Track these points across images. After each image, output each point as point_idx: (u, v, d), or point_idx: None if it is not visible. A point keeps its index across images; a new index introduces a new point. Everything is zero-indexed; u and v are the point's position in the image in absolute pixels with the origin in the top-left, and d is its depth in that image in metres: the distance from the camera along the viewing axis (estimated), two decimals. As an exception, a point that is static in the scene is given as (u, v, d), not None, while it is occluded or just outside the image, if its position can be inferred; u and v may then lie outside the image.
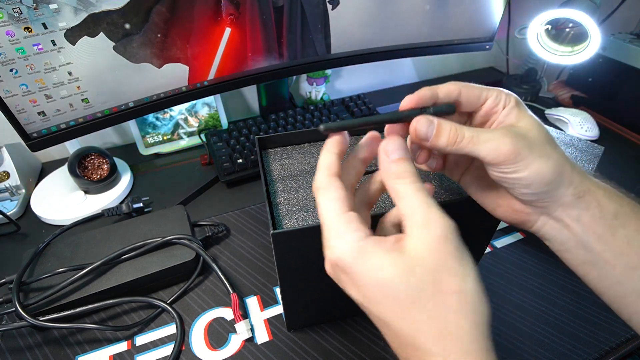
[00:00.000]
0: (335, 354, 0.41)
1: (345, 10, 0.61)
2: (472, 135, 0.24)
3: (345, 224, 0.22)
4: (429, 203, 0.22)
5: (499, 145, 0.24)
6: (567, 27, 0.74)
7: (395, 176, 0.23)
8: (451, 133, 0.24)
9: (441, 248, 0.21)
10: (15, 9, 0.42)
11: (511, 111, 0.26)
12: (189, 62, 0.56)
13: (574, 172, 0.25)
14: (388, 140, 0.25)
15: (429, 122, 0.25)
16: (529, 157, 0.24)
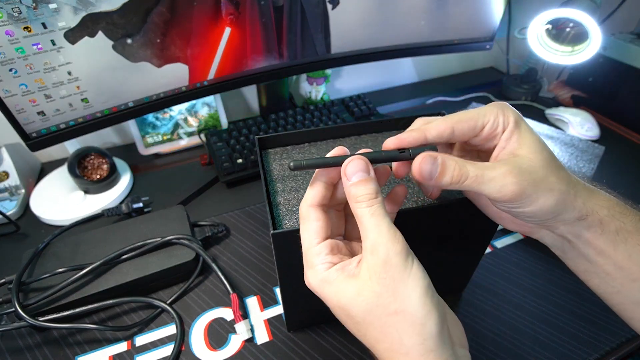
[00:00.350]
0: (335, 354, 0.41)
1: (345, 10, 0.61)
2: (476, 174, 0.24)
3: (314, 256, 0.25)
4: (379, 226, 0.22)
5: (504, 185, 0.23)
6: (567, 27, 0.74)
7: (354, 199, 0.24)
8: (455, 172, 0.24)
9: (382, 273, 0.22)
10: (14, 9, 0.42)
11: (511, 135, 0.25)
12: (188, 62, 0.56)
13: (577, 197, 0.25)
14: (348, 162, 0.25)
15: (432, 160, 0.24)
16: (533, 194, 0.24)
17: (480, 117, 0.25)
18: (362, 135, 0.42)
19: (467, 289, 0.47)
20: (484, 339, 0.43)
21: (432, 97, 0.88)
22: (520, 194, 0.23)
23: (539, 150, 0.25)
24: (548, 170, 0.24)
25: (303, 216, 0.26)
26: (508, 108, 0.26)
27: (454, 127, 0.25)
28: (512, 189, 0.23)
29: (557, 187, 0.24)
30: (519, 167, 0.24)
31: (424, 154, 0.24)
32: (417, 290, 0.21)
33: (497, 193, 0.24)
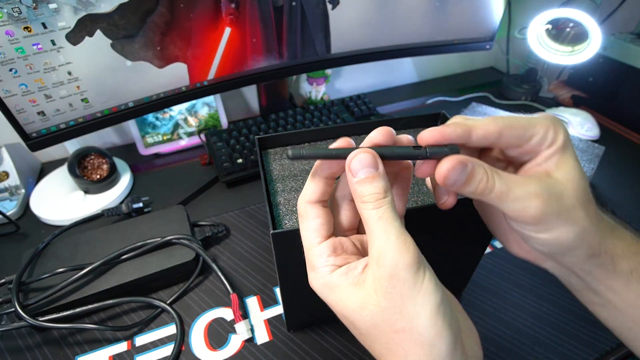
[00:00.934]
0: (335, 354, 0.41)
1: (345, 10, 0.61)
2: (501, 190, 0.21)
3: (316, 257, 0.23)
4: (387, 233, 0.20)
5: (527, 207, 0.21)
6: (567, 27, 0.74)
7: (359, 199, 0.21)
8: (481, 184, 0.21)
9: (389, 288, 0.20)
10: (14, 9, 0.42)
11: (554, 155, 0.23)
12: (188, 62, 0.56)
13: (596, 235, 0.23)
14: (354, 156, 0.22)
15: (462, 168, 0.21)
16: (554, 222, 0.22)
17: (531, 127, 0.22)
18: (362, 135, 0.42)
19: (467, 289, 0.47)
20: (485, 339, 0.43)
21: (432, 97, 0.88)
22: (541, 219, 0.21)
23: (577, 179, 0.22)
24: (578, 202, 0.22)
25: (301, 214, 0.24)
26: (560, 125, 0.23)
27: (502, 132, 0.22)
28: (533, 212, 0.21)
29: (581, 222, 0.22)
30: (549, 190, 0.22)
31: (454, 159, 0.21)
32: (427, 309, 0.19)
33: (517, 212, 0.22)
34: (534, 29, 0.74)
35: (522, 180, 0.22)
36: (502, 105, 0.84)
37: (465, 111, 0.79)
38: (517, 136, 0.22)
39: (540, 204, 0.21)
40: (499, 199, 0.21)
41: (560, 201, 0.22)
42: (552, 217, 0.21)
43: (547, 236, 0.22)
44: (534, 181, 0.22)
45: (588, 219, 0.22)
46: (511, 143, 0.23)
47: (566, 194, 0.22)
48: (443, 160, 0.21)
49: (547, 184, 0.22)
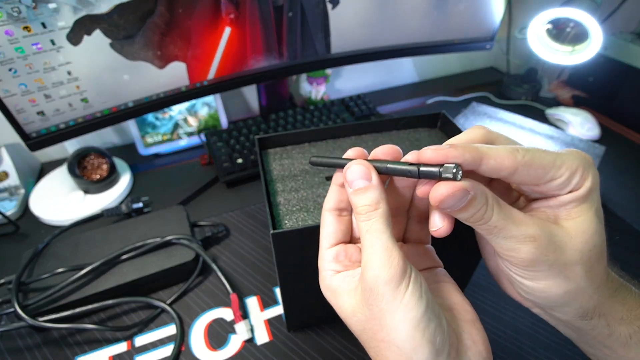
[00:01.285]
0: (335, 354, 0.41)
1: (345, 10, 0.61)
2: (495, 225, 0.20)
3: (322, 261, 0.24)
4: (373, 246, 0.20)
5: (517, 249, 0.20)
6: (568, 27, 0.74)
7: (355, 209, 0.22)
8: (478, 213, 0.19)
9: (370, 300, 0.20)
10: (14, 8, 0.42)
11: (571, 202, 0.20)
12: (188, 62, 0.56)
13: (592, 298, 0.21)
14: (347, 168, 0.22)
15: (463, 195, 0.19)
16: (544, 272, 0.20)
17: (555, 168, 0.20)
18: (362, 135, 0.42)
19: (467, 289, 0.47)
20: (484, 339, 0.43)
21: (432, 97, 0.88)
22: (530, 265, 0.20)
23: (588, 233, 0.20)
24: (581, 259, 0.20)
25: (321, 219, 0.25)
26: (591, 169, 0.20)
27: (519, 169, 0.19)
28: (524, 256, 0.20)
29: (576, 281, 0.20)
30: (550, 238, 0.20)
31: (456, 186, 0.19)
32: (405, 324, 0.19)
33: (506, 252, 0.20)
34: (534, 29, 0.74)
35: (522, 219, 0.20)
36: (502, 105, 0.84)
37: (465, 111, 0.79)
38: (536, 176, 0.20)
39: (533, 249, 0.19)
40: (491, 232, 0.20)
41: (558, 252, 0.20)
42: (543, 267, 0.20)
43: (534, 285, 0.21)
44: (536, 223, 0.20)
45: (587, 279, 0.20)
46: (527, 182, 0.20)
47: (569, 247, 0.20)
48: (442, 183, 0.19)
49: (551, 231, 0.20)
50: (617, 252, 0.51)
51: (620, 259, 0.50)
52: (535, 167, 0.19)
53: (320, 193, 0.35)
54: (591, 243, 0.20)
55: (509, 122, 0.76)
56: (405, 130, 0.42)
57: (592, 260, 0.20)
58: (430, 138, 0.41)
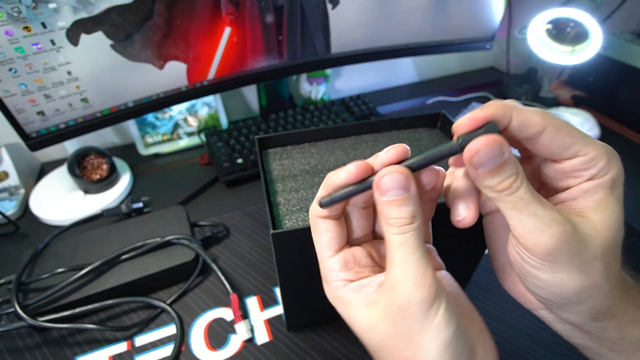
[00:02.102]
0: (335, 355, 0.41)
1: (345, 10, 0.61)
2: (523, 198, 0.19)
3: (327, 271, 0.23)
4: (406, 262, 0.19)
5: (541, 231, 0.18)
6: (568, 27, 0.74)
7: (385, 219, 0.20)
8: (508, 179, 0.19)
9: (399, 318, 0.19)
10: (14, 8, 0.42)
11: (597, 190, 0.19)
12: (188, 62, 0.56)
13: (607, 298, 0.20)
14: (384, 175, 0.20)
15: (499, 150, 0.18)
16: (564, 263, 0.19)
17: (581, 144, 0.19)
18: (362, 135, 0.42)
19: (467, 289, 0.47)
20: (484, 339, 0.43)
21: (432, 97, 0.88)
22: (551, 253, 0.19)
23: (613, 229, 0.19)
24: (602, 255, 0.19)
25: (312, 226, 0.23)
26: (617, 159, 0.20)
27: (548, 129, 0.19)
28: (546, 240, 0.18)
29: (595, 277, 0.19)
30: (574, 228, 0.19)
31: (493, 138, 0.18)
32: (434, 345, 0.18)
33: (527, 233, 0.19)
34: (534, 29, 0.74)
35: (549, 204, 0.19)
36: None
37: (465, 111, 0.79)
38: (561, 145, 0.19)
39: (558, 233, 0.18)
40: (517, 207, 0.19)
41: (582, 244, 0.19)
42: (564, 256, 0.19)
43: (549, 277, 0.20)
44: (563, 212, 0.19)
45: (605, 277, 0.19)
46: (551, 149, 0.19)
47: (593, 240, 0.19)
48: (479, 137, 0.18)
49: (575, 222, 0.19)
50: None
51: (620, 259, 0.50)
52: (564, 132, 0.19)
53: (320, 193, 0.35)
54: (615, 239, 0.19)
55: (509, 122, 0.75)
56: (405, 130, 0.42)
57: (611, 257, 0.19)
58: (431, 138, 0.41)
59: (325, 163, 0.39)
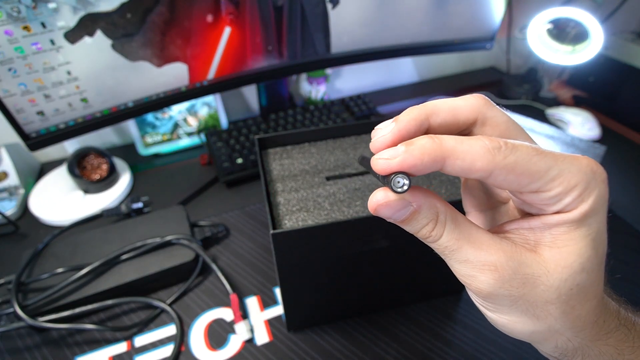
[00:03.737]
0: (336, 355, 0.41)
1: (345, 10, 0.61)
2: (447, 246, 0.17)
3: None
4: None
5: (473, 277, 0.17)
6: (568, 27, 0.74)
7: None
8: (424, 230, 0.17)
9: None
10: (14, 8, 0.41)
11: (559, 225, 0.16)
12: (188, 62, 0.56)
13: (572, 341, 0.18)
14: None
15: (402, 206, 0.17)
16: (506, 307, 0.17)
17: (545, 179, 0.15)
18: (362, 135, 0.42)
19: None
20: (484, 339, 0.43)
21: (432, 97, 0.88)
22: (487, 296, 0.17)
23: (574, 270, 0.16)
24: (558, 298, 0.16)
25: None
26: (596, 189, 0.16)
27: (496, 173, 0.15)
28: (480, 286, 0.17)
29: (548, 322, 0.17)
30: (517, 269, 0.16)
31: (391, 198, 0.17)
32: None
33: (461, 277, 0.18)
34: (535, 29, 0.74)
35: (485, 241, 0.17)
36: (503, 105, 0.84)
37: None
38: (517, 184, 0.16)
39: (491, 279, 0.16)
40: (443, 253, 0.17)
41: (527, 287, 0.16)
42: (504, 300, 0.17)
43: (496, 317, 0.18)
44: (503, 249, 0.17)
45: (564, 321, 0.17)
46: (506, 187, 0.16)
47: (545, 283, 0.16)
48: (379, 191, 0.17)
49: (521, 259, 0.16)
50: (618, 252, 0.51)
51: (621, 259, 0.50)
52: (519, 173, 0.15)
53: (320, 193, 0.35)
54: (572, 281, 0.16)
55: (509, 122, 0.75)
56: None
57: (573, 301, 0.16)
58: (431, 138, 0.41)
59: (325, 163, 0.38)
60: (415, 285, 0.43)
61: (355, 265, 0.37)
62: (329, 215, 0.33)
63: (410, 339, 0.42)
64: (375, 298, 0.43)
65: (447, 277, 0.43)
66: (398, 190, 0.16)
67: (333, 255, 0.34)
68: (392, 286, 0.42)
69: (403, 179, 0.16)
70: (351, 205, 0.34)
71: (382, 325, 0.44)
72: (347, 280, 0.38)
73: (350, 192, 0.35)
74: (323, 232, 0.31)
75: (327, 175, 0.37)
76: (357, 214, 0.33)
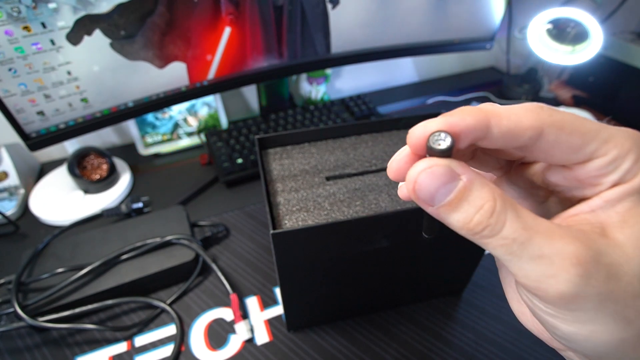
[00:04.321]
0: (336, 355, 0.41)
1: (345, 10, 0.61)
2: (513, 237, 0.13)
3: None
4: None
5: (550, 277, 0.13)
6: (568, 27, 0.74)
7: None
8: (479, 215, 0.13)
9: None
10: (14, 8, 0.41)
11: (622, 199, 0.14)
12: (188, 62, 0.56)
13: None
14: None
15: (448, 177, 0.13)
16: (591, 312, 0.13)
17: (598, 143, 0.13)
18: (362, 135, 0.42)
19: (467, 289, 0.47)
20: (484, 339, 0.43)
21: (432, 97, 0.88)
22: (570, 301, 0.13)
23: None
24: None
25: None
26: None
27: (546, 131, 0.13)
28: (560, 288, 0.13)
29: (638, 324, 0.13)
30: (597, 257, 0.13)
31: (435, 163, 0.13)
32: None
33: (532, 281, 0.13)
34: (535, 29, 0.74)
35: (555, 230, 0.13)
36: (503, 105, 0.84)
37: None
38: (569, 148, 0.14)
39: (576, 277, 0.13)
40: (508, 251, 0.13)
41: (612, 281, 0.13)
42: (589, 303, 0.13)
43: (573, 329, 0.14)
44: (577, 236, 0.13)
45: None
46: (555, 155, 0.14)
47: (628, 273, 0.13)
48: (417, 163, 0.14)
49: (598, 246, 0.13)
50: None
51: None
52: (570, 131, 0.13)
53: (320, 193, 0.35)
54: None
55: (509, 122, 0.75)
56: (405, 130, 0.42)
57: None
58: (431, 138, 0.41)
59: (325, 163, 0.38)
60: (415, 285, 0.43)
61: (355, 265, 0.37)
62: (329, 215, 0.33)
63: (410, 339, 0.43)
64: (375, 298, 0.43)
65: (447, 277, 0.44)
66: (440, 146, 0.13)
67: (333, 255, 0.34)
68: (392, 286, 0.42)
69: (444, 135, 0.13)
70: (351, 205, 0.34)
71: (382, 325, 0.44)
72: (347, 280, 0.38)
73: (350, 192, 0.35)
74: (323, 232, 0.31)
75: (327, 175, 0.37)
76: (357, 214, 0.33)
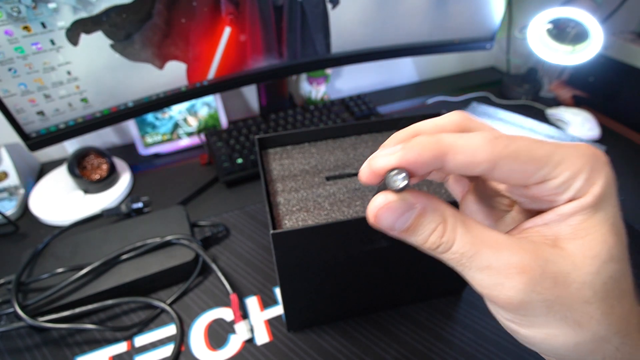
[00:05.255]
0: (336, 355, 0.41)
1: (345, 10, 0.61)
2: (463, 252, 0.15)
3: None
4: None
5: (499, 285, 0.15)
6: (568, 27, 0.74)
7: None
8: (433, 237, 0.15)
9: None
10: (14, 8, 0.41)
11: (575, 213, 0.15)
12: (188, 62, 0.56)
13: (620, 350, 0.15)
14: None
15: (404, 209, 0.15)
16: (541, 316, 0.15)
17: (550, 164, 0.14)
18: (362, 135, 0.42)
19: (467, 289, 0.47)
20: (484, 339, 0.43)
21: (432, 97, 0.88)
22: (518, 307, 0.15)
23: (603, 258, 0.15)
24: (595, 294, 0.14)
25: None
26: (602, 171, 0.15)
27: (500, 163, 0.14)
28: (509, 294, 0.14)
29: (591, 327, 0.15)
30: (545, 268, 0.14)
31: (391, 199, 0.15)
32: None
33: (484, 290, 0.15)
34: (535, 29, 0.74)
35: (503, 242, 0.15)
36: (503, 105, 0.84)
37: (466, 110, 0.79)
38: (523, 174, 0.15)
39: (521, 284, 0.14)
40: (459, 262, 0.15)
41: (559, 288, 0.14)
42: (539, 308, 0.14)
43: (530, 333, 0.15)
44: (525, 247, 0.15)
45: (607, 324, 0.15)
46: (512, 180, 0.15)
47: (576, 280, 0.14)
48: (378, 195, 0.16)
49: (546, 256, 0.15)
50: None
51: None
52: (522, 161, 0.14)
53: (320, 193, 0.35)
54: (605, 274, 0.15)
55: (509, 122, 0.76)
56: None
57: (610, 299, 0.15)
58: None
59: (325, 163, 0.38)
60: (415, 285, 0.43)
61: (355, 265, 0.37)
62: (329, 215, 0.33)
63: (410, 339, 0.43)
64: (375, 298, 0.43)
65: (447, 277, 0.44)
66: (398, 186, 0.15)
67: (333, 255, 0.34)
68: (392, 286, 0.42)
69: (401, 174, 0.15)
70: (351, 205, 0.34)
71: (382, 325, 0.44)
72: (347, 280, 0.38)
73: (350, 192, 0.35)
74: (323, 232, 0.31)
75: (327, 175, 0.37)
76: (357, 214, 0.33)
